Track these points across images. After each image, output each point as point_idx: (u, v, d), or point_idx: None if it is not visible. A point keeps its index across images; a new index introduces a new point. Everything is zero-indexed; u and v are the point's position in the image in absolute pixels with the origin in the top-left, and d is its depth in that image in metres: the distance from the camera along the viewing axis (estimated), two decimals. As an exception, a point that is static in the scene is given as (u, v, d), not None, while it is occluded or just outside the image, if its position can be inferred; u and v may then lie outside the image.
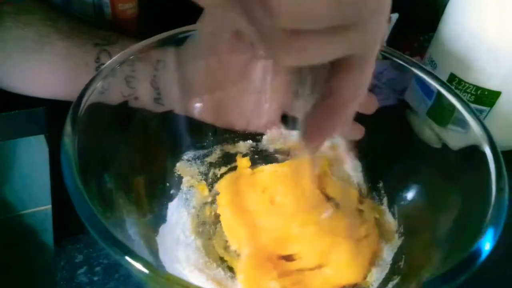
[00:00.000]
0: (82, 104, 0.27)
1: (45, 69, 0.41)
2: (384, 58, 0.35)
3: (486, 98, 0.39)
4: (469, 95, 0.39)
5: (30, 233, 0.44)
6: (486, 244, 0.22)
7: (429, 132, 0.35)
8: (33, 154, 0.43)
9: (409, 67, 0.34)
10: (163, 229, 0.33)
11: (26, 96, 0.44)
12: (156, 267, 0.21)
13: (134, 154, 0.32)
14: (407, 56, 0.34)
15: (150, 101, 0.36)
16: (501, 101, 0.39)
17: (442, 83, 0.32)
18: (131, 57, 0.31)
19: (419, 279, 0.26)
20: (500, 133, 0.42)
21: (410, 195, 0.34)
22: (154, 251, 0.31)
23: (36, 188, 0.45)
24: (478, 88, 0.39)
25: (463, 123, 0.29)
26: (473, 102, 0.40)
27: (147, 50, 0.33)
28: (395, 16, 0.52)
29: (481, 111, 0.40)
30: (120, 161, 0.31)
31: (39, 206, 0.47)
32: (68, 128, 0.25)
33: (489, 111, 0.40)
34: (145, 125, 0.34)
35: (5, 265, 0.41)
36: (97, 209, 0.22)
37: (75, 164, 0.24)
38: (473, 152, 0.28)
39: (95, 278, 0.32)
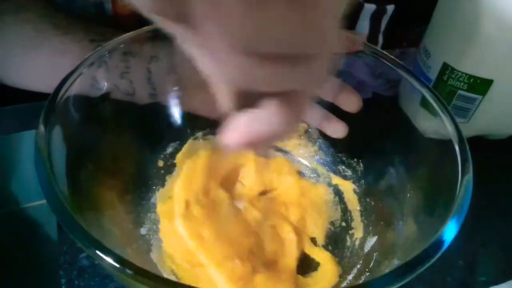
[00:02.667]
0: (60, 96, 0.27)
1: (43, 65, 0.42)
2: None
3: (479, 86, 0.39)
4: (462, 83, 0.40)
5: (34, 225, 0.45)
6: (448, 234, 0.23)
7: (423, 122, 0.35)
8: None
9: (394, 68, 0.34)
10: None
11: (30, 91, 0.45)
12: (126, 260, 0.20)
13: (115, 149, 0.33)
14: (392, 56, 0.34)
15: (146, 97, 0.37)
16: (493, 89, 0.39)
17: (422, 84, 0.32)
18: (121, 46, 0.32)
19: (385, 268, 0.27)
20: (492, 121, 0.43)
21: (385, 183, 0.34)
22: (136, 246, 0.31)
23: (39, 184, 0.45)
24: (470, 76, 0.39)
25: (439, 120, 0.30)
26: (466, 90, 0.40)
27: (134, 41, 0.33)
28: (390, 7, 0.53)
29: (474, 99, 0.40)
30: (99, 155, 0.31)
31: (43, 199, 0.48)
32: (41, 122, 0.25)
33: (481, 99, 0.40)
34: (127, 118, 0.35)
35: (11, 255, 0.42)
36: (71, 205, 0.22)
37: (48, 160, 0.24)
38: (446, 147, 0.28)
39: (97, 262, 0.33)
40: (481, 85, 0.39)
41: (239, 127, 0.20)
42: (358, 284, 0.28)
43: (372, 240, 0.33)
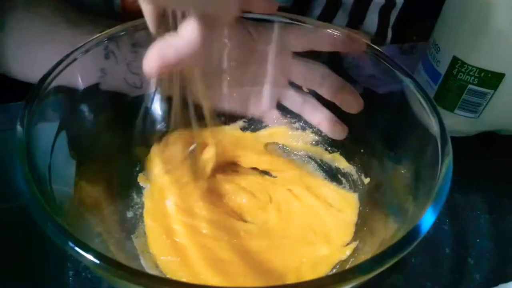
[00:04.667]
0: (43, 88, 0.27)
1: (54, 58, 0.43)
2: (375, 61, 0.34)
3: (490, 80, 0.39)
4: (473, 77, 0.39)
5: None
6: (426, 222, 0.23)
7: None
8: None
9: (395, 71, 0.33)
10: None
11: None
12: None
13: (105, 141, 0.33)
14: (394, 60, 0.33)
15: (154, 87, 0.37)
16: (505, 83, 0.38)
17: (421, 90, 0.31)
18: (122, 33, 0.32)
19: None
20: (504, 116, 0.42)
21: (375, 187, 0.34)
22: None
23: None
24: (481, 70, 0.38)
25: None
26: (476, 84, 0.39)
27: (136, 30, 0.33)
28: (400, 1, 0.52)
29: (484, 94, 0.40)
30: (85, 147, 0.31)
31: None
32: (19, 120, 0.25)
33: (493, 94, 0.39)
34: (114, 110, 0.35)
35: (20, 248, 0.43)
36: (52, 200, 0.22)
37: (26, 153, 0.24)
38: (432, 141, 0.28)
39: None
40: (492, 79, 0.39)
41: (153, 54, 0.23)
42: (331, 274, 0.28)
43: (352, 245, 0.32)
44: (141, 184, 0.36)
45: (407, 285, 0.34)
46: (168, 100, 0.37)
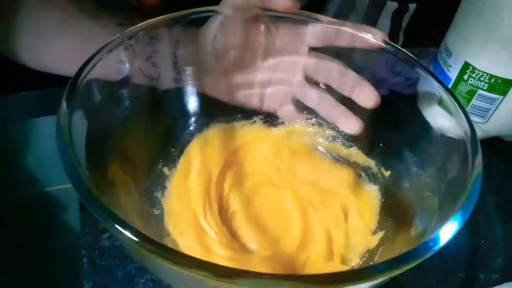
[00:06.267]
0: (81, 78, 0.27)
1: (71, 48, 0.43)
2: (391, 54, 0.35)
3: (499, 86, 0.40)
4: (483, 83, 0.40)
5: (54, 209, 0.46)
6: (450, 229, 0.23)
7: (439, 120, 0.35)
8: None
9: (411, 66, 0.34)
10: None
11: (57, 75, 0.46)
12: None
13: (134, 129, 0.33)
14: (410, 55, 0.34)
15: (170, 81, 0.37)
16: (514, 90, 0.39)
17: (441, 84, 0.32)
18: (141, 32, 0.33)
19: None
20: (511, 121, 0.43)
21: (397, 180, 0.35)
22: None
23: (62, 165, 0.46)
24: (491, 76, 0.39)
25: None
26: (486, 90, 0.40)
27: (159, 27, 0.34)
28: (412, 6, 0.53)
29: (494, 100, 0.40)
30: (117, 138, 0.31)
31: (64, 184, 0.49)
32: (64, 103, 0.25)
33: (502, 100, 0.40)
34: (146, 103, 0.35)
35: (36, 235, 0.43)
36: (91, 182, 0.23)
37: (69, 138, 0.24)
38: (460, 146, 0.28)
39: (118, 243, 0.34)
40: (502, 85, 0.39)
41: None
42: (350, 270, 0.28)
43: (379, 235, 0.33)
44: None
45: (412, 283, 0.34)
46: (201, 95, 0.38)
